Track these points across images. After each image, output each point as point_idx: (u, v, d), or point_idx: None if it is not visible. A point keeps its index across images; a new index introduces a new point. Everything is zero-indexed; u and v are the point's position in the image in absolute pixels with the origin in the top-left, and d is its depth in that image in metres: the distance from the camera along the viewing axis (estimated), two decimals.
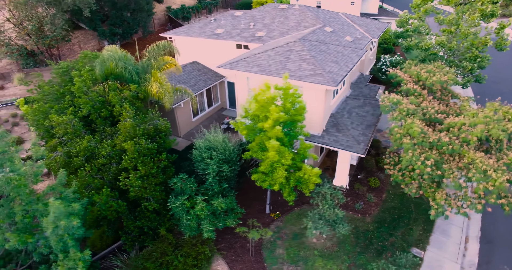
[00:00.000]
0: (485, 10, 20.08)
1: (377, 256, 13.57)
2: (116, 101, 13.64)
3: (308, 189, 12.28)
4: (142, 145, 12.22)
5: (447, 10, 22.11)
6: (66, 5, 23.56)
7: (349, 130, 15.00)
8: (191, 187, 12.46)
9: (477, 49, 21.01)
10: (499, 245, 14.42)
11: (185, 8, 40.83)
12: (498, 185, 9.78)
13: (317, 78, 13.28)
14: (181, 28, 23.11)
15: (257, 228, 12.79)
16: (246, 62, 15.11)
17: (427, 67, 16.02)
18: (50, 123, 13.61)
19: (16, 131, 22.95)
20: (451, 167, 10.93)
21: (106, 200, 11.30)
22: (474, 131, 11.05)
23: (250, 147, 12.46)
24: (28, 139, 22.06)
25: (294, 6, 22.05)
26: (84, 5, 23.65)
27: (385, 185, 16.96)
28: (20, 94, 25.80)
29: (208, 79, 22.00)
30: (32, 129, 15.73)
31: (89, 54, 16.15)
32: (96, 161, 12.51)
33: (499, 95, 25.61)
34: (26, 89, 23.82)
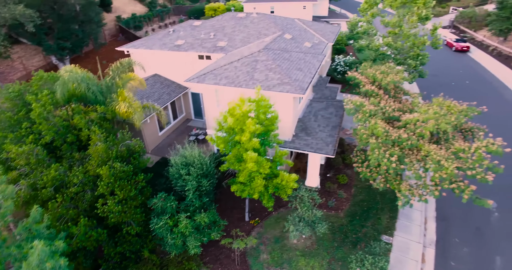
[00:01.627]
0: (420, 14, 22.30)
1: (353, 247, 14.59)
2: (83, 124, 13.12)
3: (286, 194, 12.89)
4: (117, 169, 11.94)
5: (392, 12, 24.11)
6: (3, 20, 21.75)
7: (317, 133, 15.90)
8: (171, 205, 12.43)
9: (418, 48, 23.24)
10: (452, 222, 16.20)
11: (137, 17, 39.73)
12: (450, 173, 11.15)
13: (285, 87, 13.92)
14: (140, 41, 22.58)
15: (240, 237, 13.11)
16: (214, 75, 15.32)
17: (381, 68, 17.49)
18: (6, 155, 12.70)
19: None
20: (412, 160, 12.18)
21: (85, 231, 10.89)
22: (426, 126, 12.41)
23: (227, 159, 12.74)
24: None
25: (252, 14, 22.61)
26: (26, 19, 22.04)
27: (353, 181, 18.19)
28: None
29: (171, 91, 21.78)
30: None
31: (45, 75, 15.24)
32: (67, 191, 11.95)
33: (439, 86, 28.66)
34: None
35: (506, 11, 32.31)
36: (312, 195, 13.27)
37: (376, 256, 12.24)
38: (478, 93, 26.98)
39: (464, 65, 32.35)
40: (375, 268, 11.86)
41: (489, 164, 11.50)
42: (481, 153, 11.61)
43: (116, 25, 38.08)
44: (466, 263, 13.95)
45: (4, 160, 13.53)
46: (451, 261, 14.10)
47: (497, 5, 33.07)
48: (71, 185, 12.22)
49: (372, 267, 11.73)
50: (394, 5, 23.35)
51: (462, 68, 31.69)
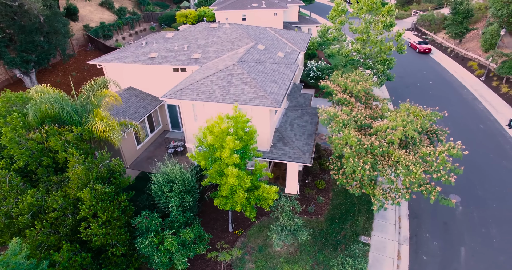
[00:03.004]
0: (385, 21, 23.62)
1: (334, 250, 15.32)
2: (60, 147, 12.88)
3: (267, 205, 13.35)
4: (98, 191, 11.87)
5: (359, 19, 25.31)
6: None
7: (294, 142, 16.50)
8: (155, 223, 12.52)
9: (385, 54, 24.57)
10: (422, 218, 17.39)
11: (106, 26, 38.75)
12: (418, 177, 12.10)
13: (261, 100, 14.38)
14: (112, 54, 22.21)
15: (226, 249, 13.42)
16: (190, 90, 15.51)
17: (351, 76, 18.42)
18: None
19: None
20: (384, 166, 13.04)
21: (68, 257, 10.77)
22: (396, 133, 13.34)
23: (208, 173, 13.00)
24: None
25: (224, 25, 22.91)
26: None
27: (330, 185, 18.99)
28: None
29: (147, 104, 21.64)
30: None
31: (12, 96, 14.74)
32: (46, 216, 11.72)
33: (405, 87, 30.37)
34: None
35: (459, 16, 34.74)
36: (292, 203, 13.82)
37: (355, 258, 12.98)
38: (441, 93, 28.88)
39: (427, 66, 34.43)
40: (355, 269, 12.59)
41: (451, 166, 12.58)
42: (444, 156, 12.67)
43: (84, 35, 36.94)
44: (436, 256, 15.08)
45: None
46: (423, 255, 15.18)
47: (451, 11, 35.46)
48: (50, 210, 11.99)
49: (352, 269, 12.44)
50: (361, 12, 24.55)
51: (425, 69, 33.72)
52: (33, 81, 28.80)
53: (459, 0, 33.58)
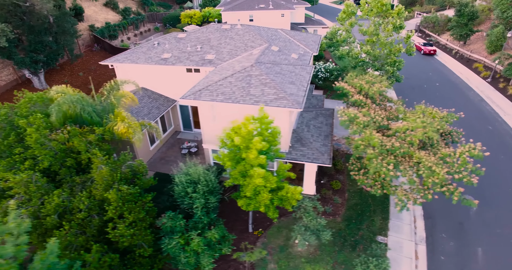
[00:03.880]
0: (395, 24, 23.84)
1: (353, 250, 15.45)
2: (83, 147, 12.87)
3: (290, 205, 13.44)
4: (124, 192, 11.88)
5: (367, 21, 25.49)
6: None
7: (312, 143, 16.61)
8: (180, 224, 12.56)
9: (394, 55, 24.80)
10: (437, 219, 17.59)
11: (111, 26, 38.67)
12: (441, 178, 12.26)
13: (282, 101, 14.47)
14: (123, 55, 22.19)
15: (249, 249, 13.48)
16: (210, 91, 15.55)
17: (365, 77, 18.57)
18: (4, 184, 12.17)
19: None
20: (405, 167, 13.19)
21: (98, 257, 10.77)
22: (416, 134, 13.49)
23: (232, 174, 13.07)
24: None
25: (236, 26, 22.98)
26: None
27: (345, 186, 19.13)
28: None
29: (160, 105, 21.64)
30: None
31: (34, 97, 14.69)
32: (73, 217, 11.72)
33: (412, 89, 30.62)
34: None
35: (463, 18, 35.12)
36: (314, 204, 13.92)
37: (379, 258, 13.11)
38: (447, 94, 29.18)
39: (433, 68, 34.75)
40: (379, 269, 12.71)
41: (472, 167, 12.76)
42: (465, 157, 12.85)
43: (90, 35, 36.79)
44: (453, 256, 15.25)
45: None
46: (440, 255, 15.35)
47: (456, 13, 35.84)
48: (76, 210, 11.98)
49: (376, 268, 12.56)
50: (371, 14, 24.74)
51: (431, 70, 34.03)
52: (42, 81, 28.66)
53: (464, 2, 33.95)
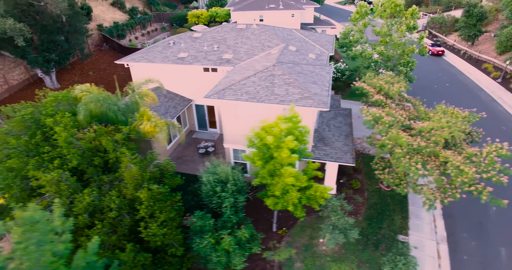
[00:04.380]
0: (409, 24, 23.94)
1: (376, 249, 15.51)
2: (111, 147, 12.85)
3: (317, 204, 13.46)
4: (154, 191, 11.87)
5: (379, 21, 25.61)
6: None
7: (334, 142, 16.65)
8: (209, 223, 12.56)
9: (407, 56, 24.90)
10: (457, 218, 17.67)
11: (119, 25, 38.63)
12: (470, 177, 12.33)
13: (307, 101, 14.50)
14: (139, 54, 22.15)
15: (278, 248, 13.51)
16: (233, 90, 15.56)
17: (384, 77, 18.65)
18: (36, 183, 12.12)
19: None
20: (432, 166, 13.26)
21: (133, 256, 10.76)
22: (442, 134, 13.57)
23: (260, 174, 13.08)
24: None
25: (252, 26, 23.00)
26: (16, 33, 20.81)
27: (364, 185, 19.19)
28: None
29: (177, 104, 21.62)
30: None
31: (59, 96, 14.65)
32: (104, 216, 11.69)
33: (422, 89, 30.75)
34: None
35: (472, 18, 35.33)
36: (341, 203, 13.97)
37: (407, 257, 13.16)
38: (458, 94, 29.33)
39: (442, 68, 34.93)
40: (407, 267, 12.77)
41: (500, 167, 12.84)
42: (492, 157, 12.93)
43: (99, 34, 36.71)
44: (476, 256, 15.32)
45: (25, 187, 12.91)
46: (463, 255, 15.42)
47: (464, 13, 36.03)
48: (106, 210, 11.95)
49: (405, 267, 12.62)
50: (384, 15, 24.84)
51: (440, 71, 34.20)
52: (53, 80, 28.58)
53: (473, 3, 34.14)
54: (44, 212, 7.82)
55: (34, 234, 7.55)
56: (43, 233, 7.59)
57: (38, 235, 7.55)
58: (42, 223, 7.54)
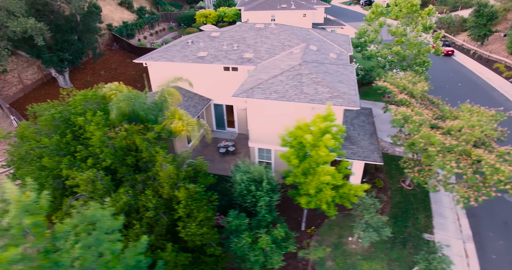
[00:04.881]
0: (426, 24, 24.04)
1: (403, 247, 15.55)
2: (145, 146, 12.78)
3: (349, 203, 13.47)
4: (192, 190, 11.82)
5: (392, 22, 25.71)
6: (12, 34, 20.31)
7: (360, 141, 16.67)
8: (244, 223, 12.52)
9: (423, 56, 24.99)
10: (481, 217, 17.74)
11: (129, 25, 38.49)
12: (507, 175, 12.38)
13: (337, 100, 14.50)
14: (157, 53, 22.07)
15: (312, 247, 13.49)
16: (262, 89, 15.54)
17: (407, 77, 18.71)
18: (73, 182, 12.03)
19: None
20: (464, 165, 13.29)
21: (175, 256, 10.70)
22: (473, 133, 13.61)
23: (294, 172, 13.06)
24: None
25: (270, 25, 22.99)
26: (37, 33, 20.69)
27: (387, 184, 19.23)
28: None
29: (196, 104, 21.57)
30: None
31: (89, 94, 14.56)
32: (142, 216, 11.62)
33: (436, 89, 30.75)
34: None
35: (482, 18, 35.51)
36: (373, 201, 13.99)
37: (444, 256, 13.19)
38: (471, 94, 29.44)
39: (452, 68, 35.08)
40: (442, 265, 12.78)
41: None
42: None
43: (109, 34, 36.57)
44: (505, 255, 15.36)
45: (57, 186, 12.84)
46: (491, 254, 15.46)
47: (474, 13, 36.22)
48: (142, 209, 11.88)
49: (440, 265, 12.64)
50: (400, 15, 24.92)
51: (451, 71, 34.35)
52: (66, 80, 28.43)
53: (483, 3, 34.32)
54: (103, 210, 7.75)
55: (94, 232, 7.49)
56: (102, 232, 7.53)
57: (97, 234, 7.48)
58: (102, 222, 7.48)
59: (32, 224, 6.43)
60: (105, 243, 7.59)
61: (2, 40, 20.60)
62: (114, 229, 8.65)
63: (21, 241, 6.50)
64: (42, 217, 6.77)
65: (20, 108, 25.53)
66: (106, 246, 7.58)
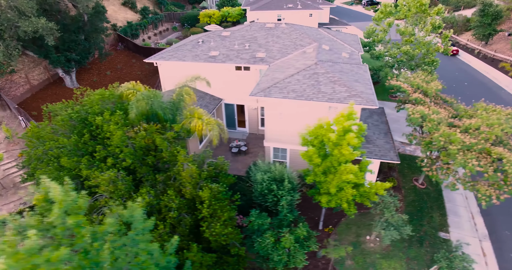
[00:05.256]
0: (435, 23, 24.11)
1: (420, 246, 15.57)
2: (165, 145, 12.71)
3: (369, 201, 13.47)
4: (215, 189, 11.77)
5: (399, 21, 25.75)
6: (23, 34, 20.16)
7: (376, 140, 16.68)
8: (266, 222, 12.48)
9: (432, 55, 25.06)
10: (496, 216, 17.80)
11: (133, 25, 38.34)
12: None
13: (356, 99, 14.50)
14: (168, 52, 21.99)
15: (333, 246, 13.48)
16: (279, 88, 15.51)
17: (419, 76, 18.75)
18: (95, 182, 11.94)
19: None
20: (485, 163, 13.33)
21: (201, 257, 10.64)
22: (493, 131, 13.66)
23: (315, 171, 13.03)
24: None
25: (281, 25, 22.98)
26: (47, 33, 20.53)
27: (400, 183, 19.26)
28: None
29: (208, 103, 21.50)
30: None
31: (106, 93, 14.46)
32: (165, 216, 11.55)
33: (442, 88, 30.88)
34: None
35: (487, 18, 35.69)
36: (393, 199, 13.99)
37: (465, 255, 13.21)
38: (478, 93, 29.56)
39: (457, 67, 35.22)
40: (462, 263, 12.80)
41: None
42: None
43: (114, 34, 36.41)
44: None
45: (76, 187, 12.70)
46: (509, 253, 15.49)
47: (479, 13, 36.39)
48: (165, 210, 11.81)
49: (461, 263, 12.66)
50: (409, 15, 24.98)
51: (456, 70, 34.49)
52: (73, 80, 28.27)
53: (488, 2, 34.49)
54: (141, 209, 7.68)
55: (130, 233, 7.42)
56: (138, 232, 7.46)
57: (133, 234, 7.41)
58: (138, 222, 7.41)
59: (75, 223, 6.36)
60: (141, 244, 7.51)
61: (13, 40, 20.43)
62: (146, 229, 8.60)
63: (64, 241, 6.42)
64: (83, 217, 6.69)
65: (28, 109, 25.34)
66: (142, 247, 7.51)
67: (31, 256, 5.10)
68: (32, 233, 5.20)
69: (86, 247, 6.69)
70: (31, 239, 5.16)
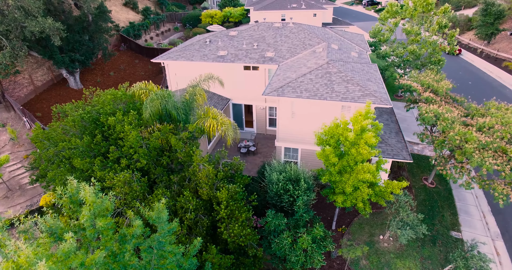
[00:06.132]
0: (441, 23, 24.12)
1: (433, 245, 15.51)
2: (180, 146, 12.57)
3: (383, 201, 13.39)
4: (232, 190, 11.64)
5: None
6: (30, 34, 19.95)
7: (387, 139, 16.61)
8: (282, 223, 12.36)
9: (438, 54, 25.07)
10: (507, 215, 17.78)
11: (135, 26, 38.14)
12: None
13: (370, 98, 14.43)
14: (175, 52, 21.84)
15: (348, 246, 13.39)
16: (292, 88, 15.42)
17: (429, 75, 18.72)
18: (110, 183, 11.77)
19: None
20: (501, 161, 13.30)
21: (220, 258, 10.52)
22: (509, 129, 13.62)
23: (331, 170, 12.94)
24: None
25: (289, 24, 22.90)
26: (54, 33, 20.33)
27: (410, 182, 19.21)
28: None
29: (216, 103, 21.37)
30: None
31: (119, 93, 14.30)
32: (183, 218, 11.41)
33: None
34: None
35: (490, 17, 35.80)
36: (408, 198, 13.93)
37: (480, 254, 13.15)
38: (483, 93, 29.64)
39: (461, 67, 35.30)
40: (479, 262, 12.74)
41: None
42: None
43: (116, 34, 36.20)
44: None
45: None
46: None
47: (481, 12, 36.50)
48: (181, 211, 11.67)
49: (479, 262, 12.60)
50: (415, 14, 24.98)
51: (460, 70, 34.56)
52: (77, 81, 28.04)
53: (491, 1, 34.61)
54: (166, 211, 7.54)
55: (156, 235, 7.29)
56: (164, 234, 7.33)
57: (159, 236, 7.28)
58: (164, 224, 7.28)
59: (104, 226, 6.22)
60: (167, 246, 7.38)
61: (19, 41, 20.21)
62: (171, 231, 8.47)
63: (93, 243, 6.28)
64: (111, 219, 6.56)
65: (32, 110, 25.10)
66: (168, 249, 7.37)
67: (67, 258, 4.97)
68: (68, 236, 5.06)
69: (114, 250, 6.55)
70: (67, 242, 5.02)
